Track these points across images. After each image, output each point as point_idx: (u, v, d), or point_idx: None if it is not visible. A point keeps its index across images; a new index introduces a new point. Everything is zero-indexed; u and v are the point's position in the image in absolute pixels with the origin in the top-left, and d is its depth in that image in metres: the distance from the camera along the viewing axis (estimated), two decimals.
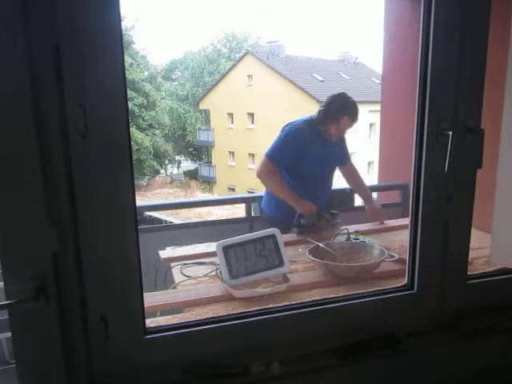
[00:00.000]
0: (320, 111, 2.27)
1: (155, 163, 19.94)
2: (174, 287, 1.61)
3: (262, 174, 2.25)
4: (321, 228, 2.17)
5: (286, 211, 2.21)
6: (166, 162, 21.91)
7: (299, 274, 1.65)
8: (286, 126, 2.31)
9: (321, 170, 2.35)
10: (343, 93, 2.33)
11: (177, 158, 22.84)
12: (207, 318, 1.01)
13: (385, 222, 2.39)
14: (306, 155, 2.27)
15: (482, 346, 1.14)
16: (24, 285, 0.77)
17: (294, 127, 2.28)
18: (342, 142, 2.46)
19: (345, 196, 2.89)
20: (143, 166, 18.76)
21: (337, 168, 2.51)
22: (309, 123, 2.29)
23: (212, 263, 1.75)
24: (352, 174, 2.56)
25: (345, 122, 2.25)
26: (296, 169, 2.33)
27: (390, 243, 1.91)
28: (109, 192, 0.82)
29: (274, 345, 1.00)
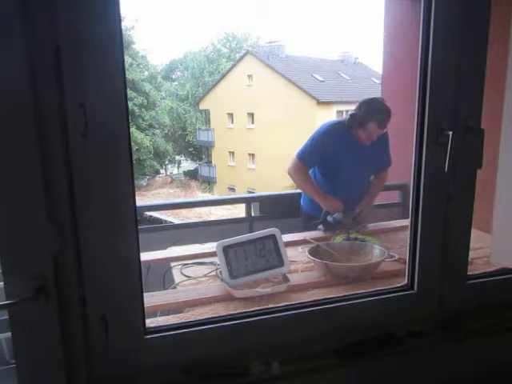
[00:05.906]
0: (349, 115, 2.26)
1: (155, 163, 19.94)
2: (174, 287, 1.61)
3: (292, 172, 2.31)
4: (347, 226, 2.17)
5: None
6: (166, 161, 21.91)
7: (299, 274, 1.65)
8: (321, 125, 2.32)
9: (353, 172, 2.31)
10: (375, 98, 2.28)
11: (177, 157, 22.84)
12: (207, 318, 1.01)
13: (385, 222, 2.38)
14: (335, 156, 2.29)
15: (482, 345, 1.14)
16: (24, 285, 0.77)
17: (324, 128, 2.30)
18: (382, 147, 2.35)
19: None
20: (143, 166, 18.76)
21: None
22: (341, 125, 2.29)
23: (212, 263, 1.75)
24: (375, 181, 2.44)
25: (372, 127, 2.19)
26: (327, 168, 2.36)
27: (390, 243, 1.91)
28: (109, 192, 0.82)
29: (274, 345, 0.99)
